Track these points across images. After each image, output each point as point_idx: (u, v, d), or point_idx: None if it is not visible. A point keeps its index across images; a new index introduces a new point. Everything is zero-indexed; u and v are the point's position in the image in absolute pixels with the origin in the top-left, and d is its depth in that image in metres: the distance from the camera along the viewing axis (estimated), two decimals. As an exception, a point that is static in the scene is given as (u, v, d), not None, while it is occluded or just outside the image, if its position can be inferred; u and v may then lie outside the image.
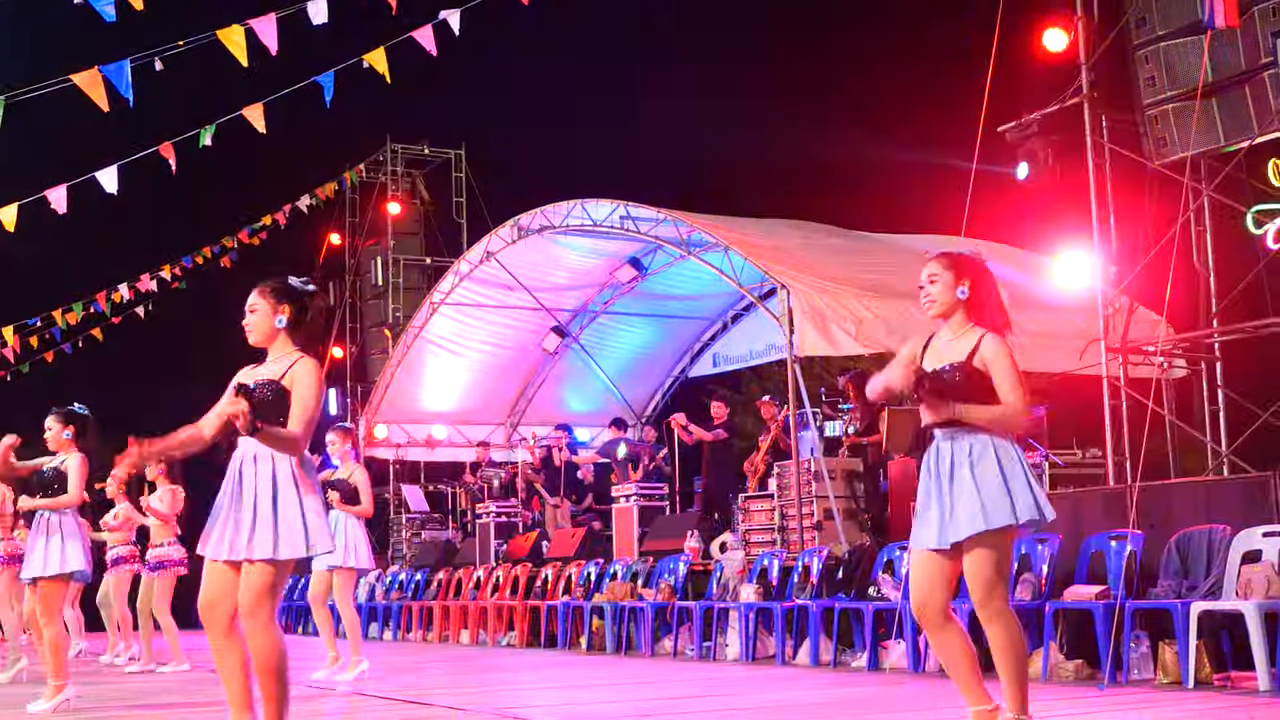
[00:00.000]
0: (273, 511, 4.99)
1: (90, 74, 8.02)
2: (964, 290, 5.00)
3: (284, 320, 5.20)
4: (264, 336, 5.24)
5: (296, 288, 5.28)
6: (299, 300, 5.26)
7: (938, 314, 5.06)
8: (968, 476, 4.82)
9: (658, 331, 19.34)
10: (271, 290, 5.27)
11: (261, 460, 5.05)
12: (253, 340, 5.28)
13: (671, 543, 13.27)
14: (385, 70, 9.99)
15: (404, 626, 16.80)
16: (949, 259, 5.09)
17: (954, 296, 5.01)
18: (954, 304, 5.02)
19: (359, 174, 23.85)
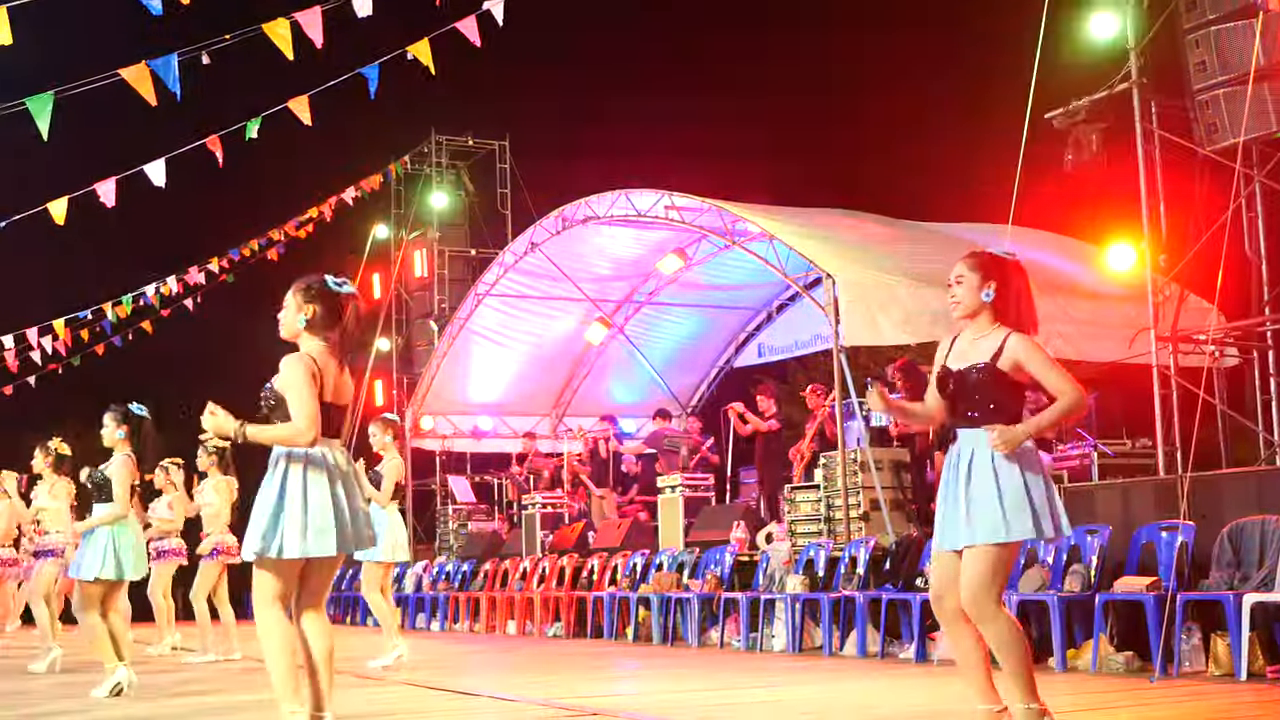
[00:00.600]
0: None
1: (138, 68, 8.07)
2: (989, 292, 4.94)
3: (304, 319, 5.28)
4: (291, 333, 5.38)
5: (325, 288, 5.32)
6: (331, 302, 5.30)
7: (962, 315, 5.01)
8: (990, 481, 4.78)
9: (703, 322, 19.30)
10: (302, 289, 5.37)
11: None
12: (282, 335, 5.43)
13: (717, 533, 13.25)
14: (429, 62, 10.00)
15: (451, 617, 16.86)
16: (975, 259, 5.02)
17: (978, 299, 4.95)
18: (979, 306, 4.96)
19: (404, 166, 23.89)
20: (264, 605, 5.16)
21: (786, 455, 14.41)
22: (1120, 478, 10.39)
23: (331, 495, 5.16)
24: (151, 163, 10.19)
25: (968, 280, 4.96)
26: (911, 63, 26.91)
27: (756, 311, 19.02)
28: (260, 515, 5.13)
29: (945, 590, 4.89)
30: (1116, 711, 6.21)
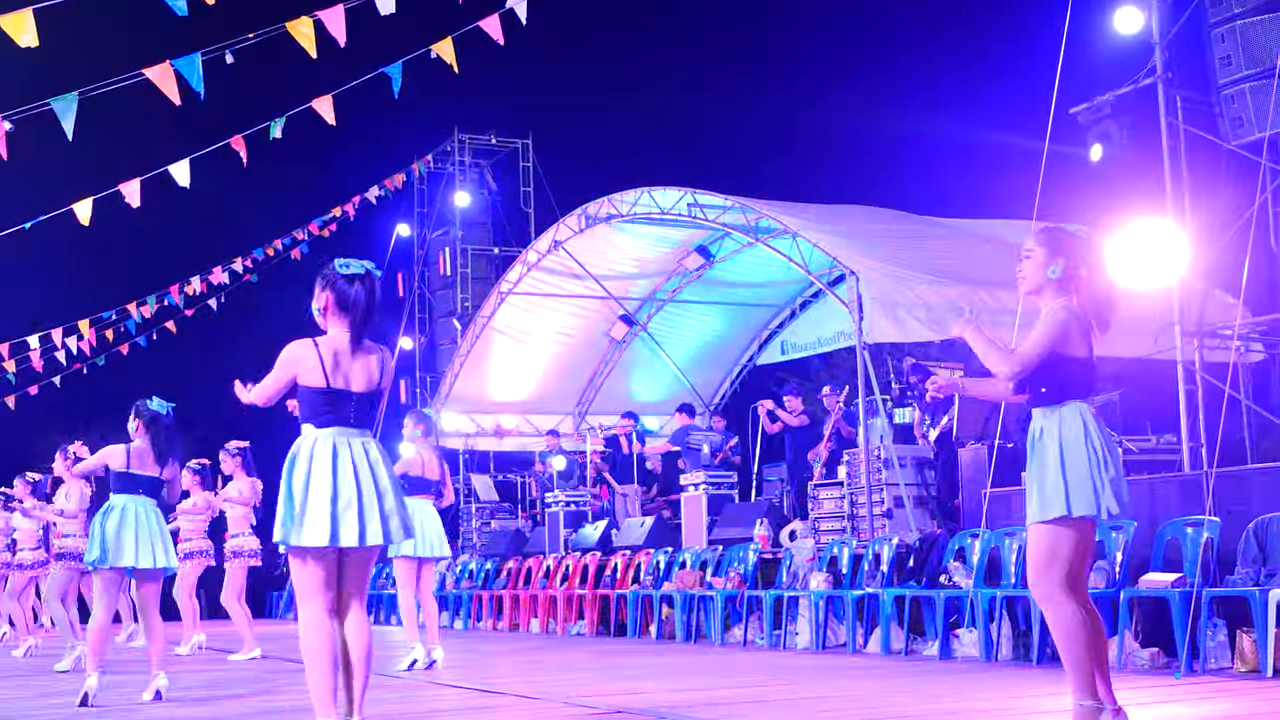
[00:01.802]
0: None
1: (162, 68, 8.10)
2: (1055, 270, 4.82)
3: (319, 309, 5.34)
4: (322, 324, 5.35)
5: (335, 273, 5.30)
6: (338, 286, 5.29)
7: (1026, 290, 4.92)
8: (1039, 460, 4.75)
9: (726, 319, 19.30)
10: (321, 277, 5.37)
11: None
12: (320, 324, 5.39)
13: (741, 531, 13.24)
14: (453, 61, 10.00)
15: (474, 615, 16.89)
16: (1046, 234, 4.91)
17: (1044, 276, 4.84)
18: (1042, 282, 4.86)
19: (427, 165, 23.97)
20: (302, 601, 5.12)
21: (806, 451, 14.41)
22: (1145, 474, 10.34)
23: (349, 484, 5.12)
24: (176, 163, 10.21)
25: (1035, 256, 4.86)
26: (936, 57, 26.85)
27: (779, 309, 19.01)
28: (280, 506, 5.12)
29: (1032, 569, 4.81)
30: (1142, 709, 6.18)
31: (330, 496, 5.09)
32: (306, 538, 5.06)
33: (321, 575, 5.13)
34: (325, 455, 5.14)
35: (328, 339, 5.26)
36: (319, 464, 5.12)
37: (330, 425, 5.19)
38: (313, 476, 5.11)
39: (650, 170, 17.71)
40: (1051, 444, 4.72)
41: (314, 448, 5.15)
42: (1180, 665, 7.69)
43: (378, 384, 5.33)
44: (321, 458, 5.13)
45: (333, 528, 5.07)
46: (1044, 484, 4.69)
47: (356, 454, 5.19)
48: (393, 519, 5.24)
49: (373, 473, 5.21)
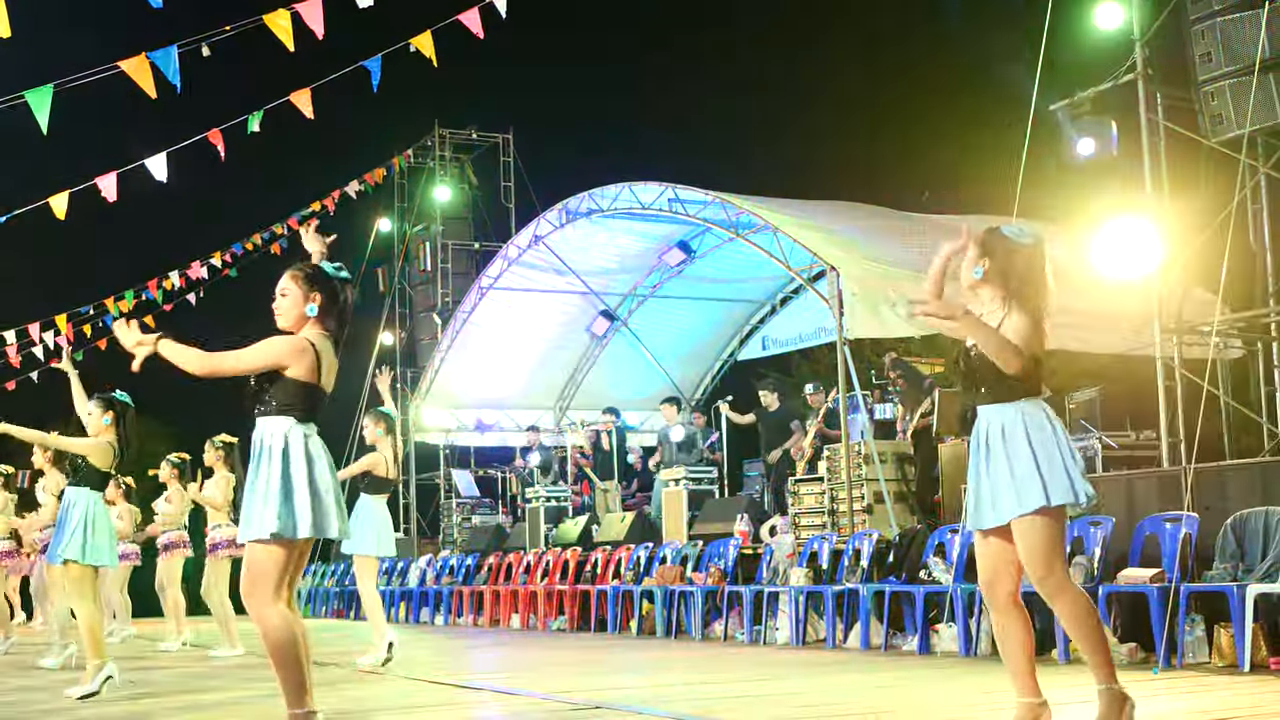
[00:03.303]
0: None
1: (138, 60, 8.03)
2: (979, 270, 4.83)
3: (315, 309, 5.24)
4: (292, 322, 5.29)
5: (329, 275, 5.28)
6: (330, 287, 5.27)
7: (966, 288, 4.95)
8: (1002, 455, 4.72)
9: (706, 315, 19.29)
10: (304, 276, 5.30)
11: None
12: (280, 324, 5.32)
13: (721, 526, 13.23)
14: (432, 54, 9.96)
15: (454, 611, 16.84)
16: (975, 236, 4.90)
17: (971, 276, 4.87)
18: (973, 283, 4.87)
19: (407, 159, 23.90)
20: (269, 596, 5.06)
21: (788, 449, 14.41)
22: (1124, 469, 10.36)
23: (331, 481, 5.16)
24: (152, 157, 10.15)
25: (968, 257, 4.89)
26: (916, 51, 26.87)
27: (760, 304, 19.01)
28: (269, 495, 5.04)
29: (996, 576, 4.79)
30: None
31: (327, 488, 5.14)
32: (325, 527, 5.09)
33: (297, 566, 5.18)
34: (317, 448, 5.18)
35: (317, 337, 5.24)
36: (318, 458, 5.16)
37: (309, 420, 5.21)
38: (315, 469, 5.13)
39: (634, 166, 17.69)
40: (1017, 438, 4.71)
41: (306, 442, 5.15)
42: (1159, 660, 7.71)
43: None
44: (315, 451, 5.17)
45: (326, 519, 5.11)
46: (1018, 477, 4.68)
47: (324, 449, 5.25)
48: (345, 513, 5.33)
49: (330, 469, 5.27)
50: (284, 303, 5.29)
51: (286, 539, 5.06)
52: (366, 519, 9.83)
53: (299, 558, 5.17)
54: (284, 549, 5.09)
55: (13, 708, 7.66)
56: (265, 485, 5.09)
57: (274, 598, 5.07)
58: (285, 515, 5.04)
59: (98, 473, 8.24)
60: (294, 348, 5.17)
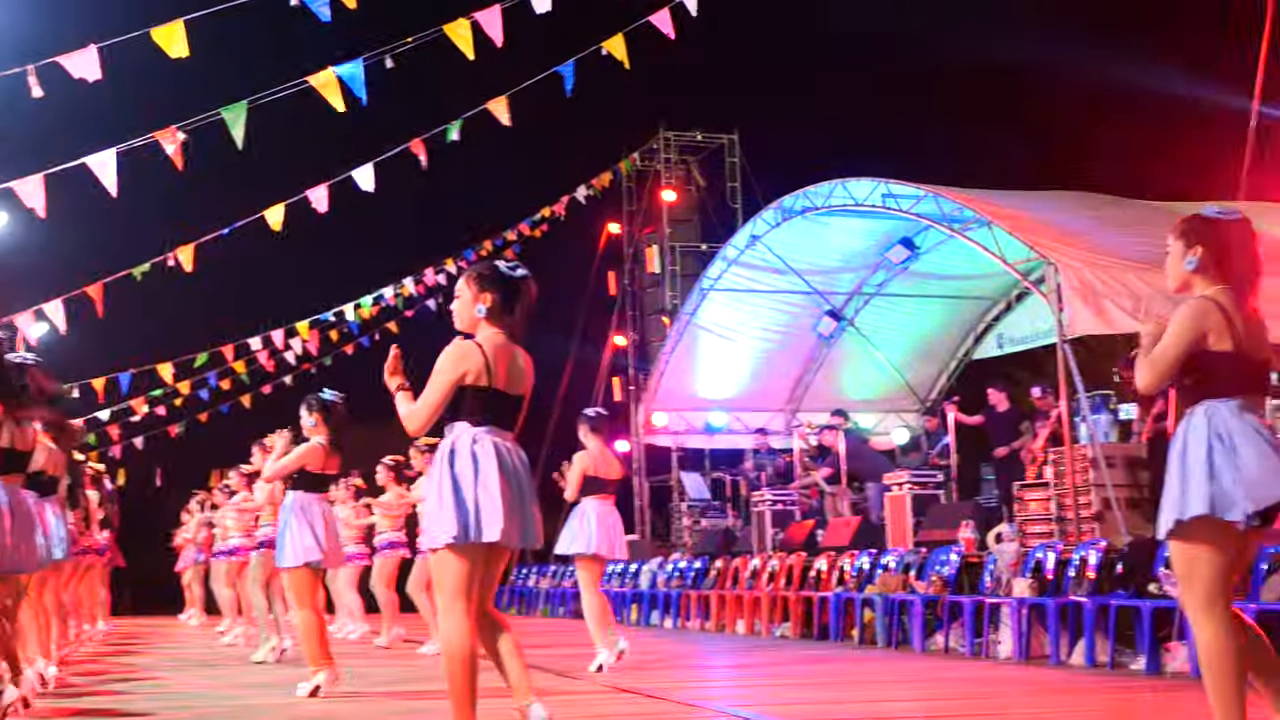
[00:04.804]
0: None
1: (325, 75, 8.14)
2: (1192, 261, 4.39)
3: (483, 309, 5.14)
4: (466, 323, 5.23)
5: (502, 274, 5.19)
6: (503, 287, 5.16)
7: (1174, 290, 4.49)
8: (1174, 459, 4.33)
9: (937, 312, 18.72)
10: (476, 277, 5.23)
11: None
12: (457, 326, 5.28)
13: (946, 533, 12.74)
14: (624, 57, 9.84)
15: (682, 615, 16.73)
16: (1178, 226, 4.46)
17: (1181, 269, 4.42)
18: (1185, 277, 4.42)
19: (633, 163, 23.97)
20: (448, 602, 5.02)
21: (1017, 452, 13.82)
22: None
23: (501, 486, 5.02)
24: (359, 168, 10.32)
25: (1172, 251, 4.45)
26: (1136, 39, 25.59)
27: (993, 301, 18.32)
28: (435, 504, 5.02)
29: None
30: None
31: (500, 494, 5.01)
32: (471, 534, 4.99)
33: (478, 573, 5.09)
34: (488, 453, 5.06)
35: (492, 342, 5.15)
36: (490, 464, 5.05)
37: (485, 424, 5.10)
38: (483, 474, 5.03)
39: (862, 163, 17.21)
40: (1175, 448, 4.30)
41: (474, 446, 5.06)
42: None
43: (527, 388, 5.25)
44: (484, 455, 5.05)
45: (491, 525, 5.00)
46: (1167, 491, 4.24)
47: (511, 457, 5.13)
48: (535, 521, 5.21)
49: (522, 474, 5.16)
50: (457, 305, 5.28)
51: (457, 546, 4.98)
52: (587, 520, 9.77)
53: (481, 563, 5.08)
54: (457, 556, 5.02)
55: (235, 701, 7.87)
56: (435, 493, 5.06)
57: (451, 604, 5.02)
58: (451, 523, 4.98)
59: (313, 475, 8.36)
60: (460, 353, 5.09)
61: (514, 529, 5.03)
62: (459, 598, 5.01)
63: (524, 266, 5.28)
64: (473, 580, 5.05)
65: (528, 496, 5.13)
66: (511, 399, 5.17)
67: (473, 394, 5.09)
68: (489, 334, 5.16)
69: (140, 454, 23.33)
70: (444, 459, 5.06)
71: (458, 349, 5.10)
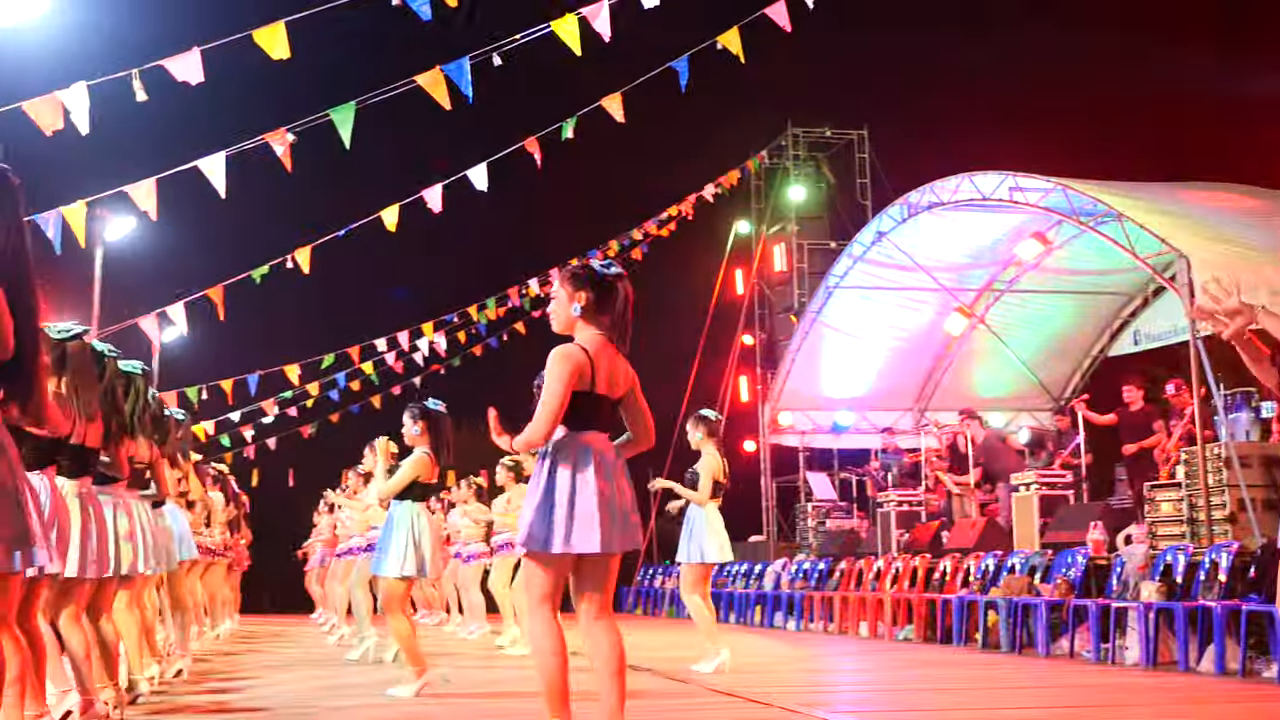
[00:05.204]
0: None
1: (432, 74, 8.17)
2: None
3: (579, 308, 5.09)
4: (563, 324, 5.18)
5: (596, 273, 5.13)
6: (598, 286, 5.11)
7: None
8: None
9: (1070, 308, 18.25)
10: (570, 276, 5.18)
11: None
12: (554, 328, 5.24)
13: (1074, 534, 12.41)
14: (739, 50, 9.74)
15: (806, 616, 16.56)
16: None
17: None
18: None
19: (761, 160, 23.79)
20: (533, 605, 5.02)
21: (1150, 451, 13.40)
22: None
23: (598, 491, 4.96)
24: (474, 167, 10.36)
25: None
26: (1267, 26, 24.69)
27: (1128, 296, 17.81)
28: (528, 508, 4.99)
29: None
30: None
31: (599, 502, 4.96)
32: (580, 543, 4.94)
33: (563, 579, 5.07)
34: (588, 462, 5.01)
35: (592, 343, 5.09)
36: (584, 470, 5.00)
37: (586, 429, 5.06)
38: (579, 483, 4.99)
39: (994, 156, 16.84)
40: None
41: (577, 453, 5.02)
42: None
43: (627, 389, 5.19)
44: (586, 464, 5.01)
45: (606, 535, 4.96)
46: None
47: (610, 460, 5.08)
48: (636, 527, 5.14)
49: (620, 478, 5.11)
50: (554, 305, 5.22)
51: (546, 553, 4.96)
52: (696, 526, 9.72)
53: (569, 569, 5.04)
54: (542, 561, 4.99)
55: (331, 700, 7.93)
56: (530, 498, 5.03)
57: (537, 607, 5.01)
58: (534, 529, 4.95)
59: (418, 485, 8.40)
60: (568, 357, 5.02)
61: (613, 536, 4.97)
62: (545, 601, 5.01)
63: (619, 265, 5.24)
64: (559, 585, 5.04)
65: (626, 500, 5.07)
66: (610, 401, 5.12)
67: (575, 398, 5.03)
68: (588, 334, 5.10)
69: (273, 455, 23.77)
70: (543, 465, 5.03)
71: (564, 354, 5.02)
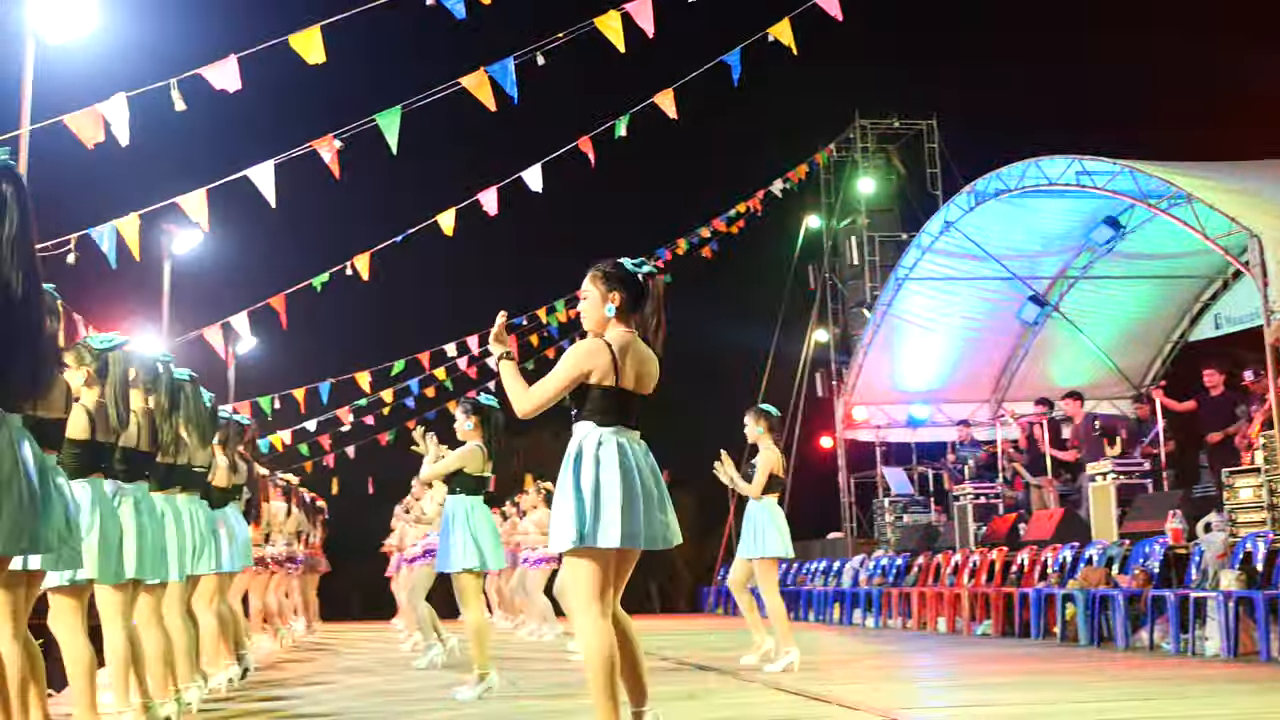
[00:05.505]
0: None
1: (477, 76, 8.15)
2: None
3: (613, 309, 5.04)
4: (595, 324, 5.13)
5: (629, 271, 5.08)
6: (632, 286, 5.06)
7: None
8: None
9: (1147, 293, 17.89)
10: (603, 276, 5.12)
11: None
12: (585, 327, 5.19)
13: (1153, 524, 12.14)
14: (792, 43, 9.62)
15: (884, 612, 16.38)
16: None
17: None
18: None
19: (829, 154, 23.60)
20: (583, 605, 4.96)
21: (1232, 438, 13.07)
22: None
23: (636, 485, 4.93)
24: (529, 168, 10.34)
25: None
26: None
27: (1207, 280, 17.43)
28: (565, 507, 4.94)
29: None
30: None
31: (621, 496, 4.91)
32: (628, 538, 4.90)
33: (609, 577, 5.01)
34: (623, 458, 4.96)
35: (620, 341, 5.06)
36: (623, 467, 4.95)
37: (614, 424, 5.02)
38: (624, 478, 4.94)
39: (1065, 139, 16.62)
40: None
41: (599, 449, 4.98)
42: None
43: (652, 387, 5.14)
44: (623, 460, 4.96)
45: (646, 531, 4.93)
46: None
47: (641, 457, 5.03)
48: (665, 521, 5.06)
49: (650, 474, 5.04)
50: (584, 305, 5.18)
51: (583, 550, 4.90)
52: (753, 521, 9.63)
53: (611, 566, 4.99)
54: (585, 559, 4.94)
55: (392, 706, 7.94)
56: (560, 495, 4.98)
57: (585, 607, 4.95)
58: (578, 526, 4.89)
59: (472, 478, 8.39)
60: (587, 351, 5.01)
61: (638, 531, 4.92)
62: (592, 601, 4.94)
63: (650, 263, 5.19)
64: (605, 583, 4.97)
65: (656, 496, 5.00)
66: (638, 398, 5.07)
67: (599, 393, 5.00)
68: (618, 333, 5.06)
69: (352, 463, 23.92)
70: (569, 461, 5.00)
71: (585, 346, 5.02)
